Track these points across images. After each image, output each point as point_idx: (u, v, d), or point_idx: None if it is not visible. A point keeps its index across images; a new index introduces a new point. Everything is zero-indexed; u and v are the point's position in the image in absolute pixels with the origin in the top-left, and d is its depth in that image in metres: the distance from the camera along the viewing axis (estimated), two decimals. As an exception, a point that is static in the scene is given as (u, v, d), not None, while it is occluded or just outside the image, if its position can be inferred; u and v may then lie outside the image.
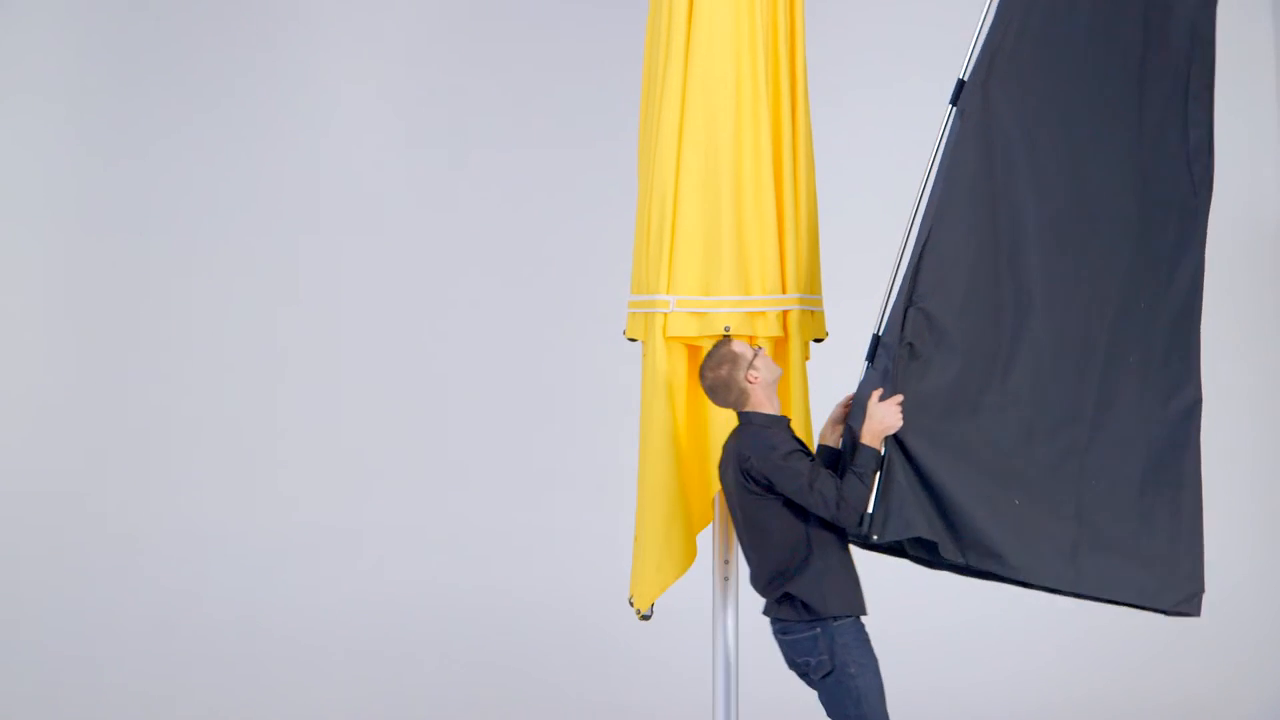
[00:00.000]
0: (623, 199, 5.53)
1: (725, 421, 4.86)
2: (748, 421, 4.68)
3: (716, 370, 4.70)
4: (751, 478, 4.57)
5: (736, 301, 4.94)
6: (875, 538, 4.53)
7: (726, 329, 4.87)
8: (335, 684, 7.51)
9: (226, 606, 7.82)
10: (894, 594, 8.11)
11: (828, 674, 4.56)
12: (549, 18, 8.38)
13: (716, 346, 4.75)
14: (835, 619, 4.55)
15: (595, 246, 7.92)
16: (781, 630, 4.64)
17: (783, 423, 4.70)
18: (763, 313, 4.93)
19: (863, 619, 4.64)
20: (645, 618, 4.91)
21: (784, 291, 4.96)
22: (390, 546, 7.96)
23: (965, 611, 7.95)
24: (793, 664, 4.69)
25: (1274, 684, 7.91)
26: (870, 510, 4.51)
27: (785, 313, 4.96)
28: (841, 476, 4.55)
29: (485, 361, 8.06)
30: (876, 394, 4.54)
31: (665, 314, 4.88)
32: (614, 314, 5.31)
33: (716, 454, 4.88)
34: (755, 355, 4.70)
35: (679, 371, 4.95)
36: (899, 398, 4.52)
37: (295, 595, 7.87)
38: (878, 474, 4.53)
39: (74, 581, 7.85)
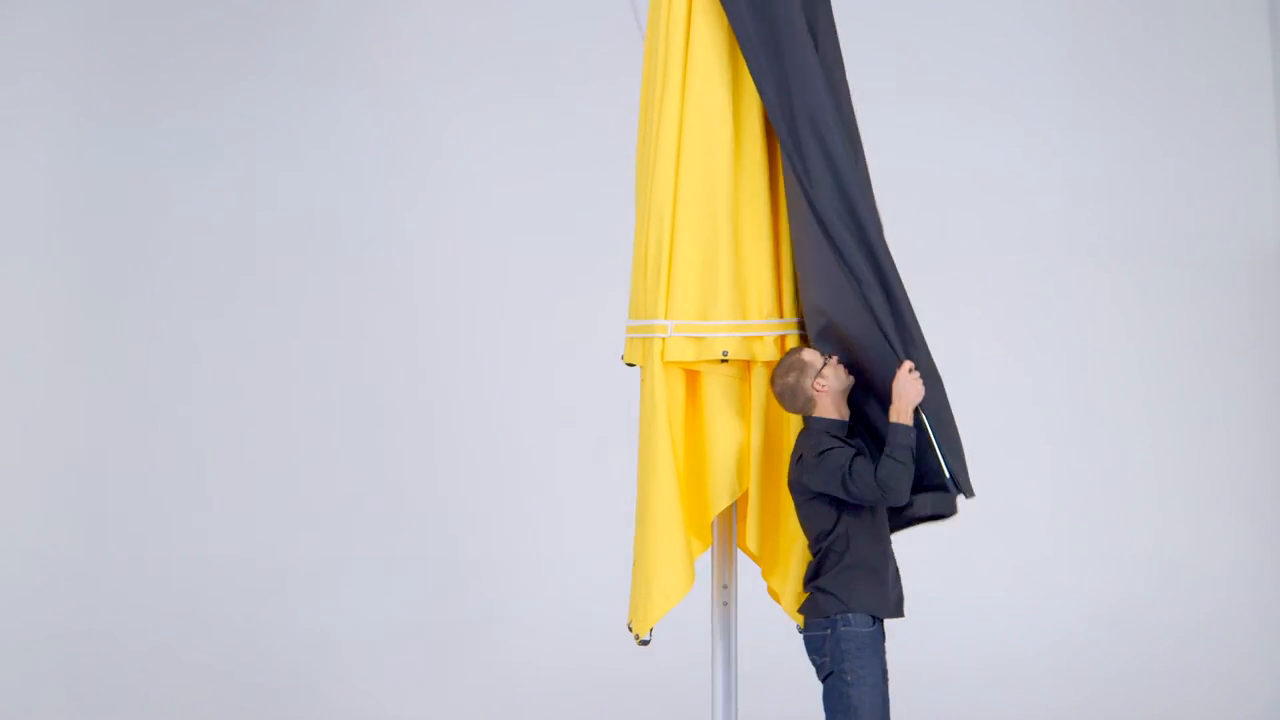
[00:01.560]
0: (620, 225, 5.55)
1: (725, 447, 4.89)
2: (808, 428, 4.78)
3: (784, 377, 4.77)
4: (802, 478, 4.69)
5: (734, 326, 4.95)
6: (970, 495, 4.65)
7: (724, 354, 4.89)
8: (333, 706, 7.52)
9: (227, 629, 7.84)
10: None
11: (828, 676, 4.64)
12: (548, 44, 8.42)
13: (788, 354, 4.84)
14: (847, 623, 4.61)
15: (593, 272, 7.94)
16: (805, 626, 4.73)
17: (836, 426, 4.76)
18: (760, 337, 4.95)
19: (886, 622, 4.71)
20: (644, 643, 4.90)
21: (781, 316, 4.98)
22: (386, 572, 7.96)
23: (964, 612, 7.97)
24: (811, 660, 4.79)
25: (1274, 687, 7.91)
26: (951, 475, 4.61)
27: (782, 337, 4.97)
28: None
29: (483, 387, 8.07)
30: (905, 367, 4.64)
31: (663, 339, 4.89)
32: (612, 339, 5.32)
33: (715, 478, 4.92)
34: (825, 364, 4.76)
35: (677, 396, 4.97)
36: (909, 365, 4.65)
37: (297, 619, 7.89)
38: (912, 447, 4.61)
39: (74, 601, 7.86)
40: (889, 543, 4.81)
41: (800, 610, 4.77)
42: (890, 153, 8.56)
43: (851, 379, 4.80)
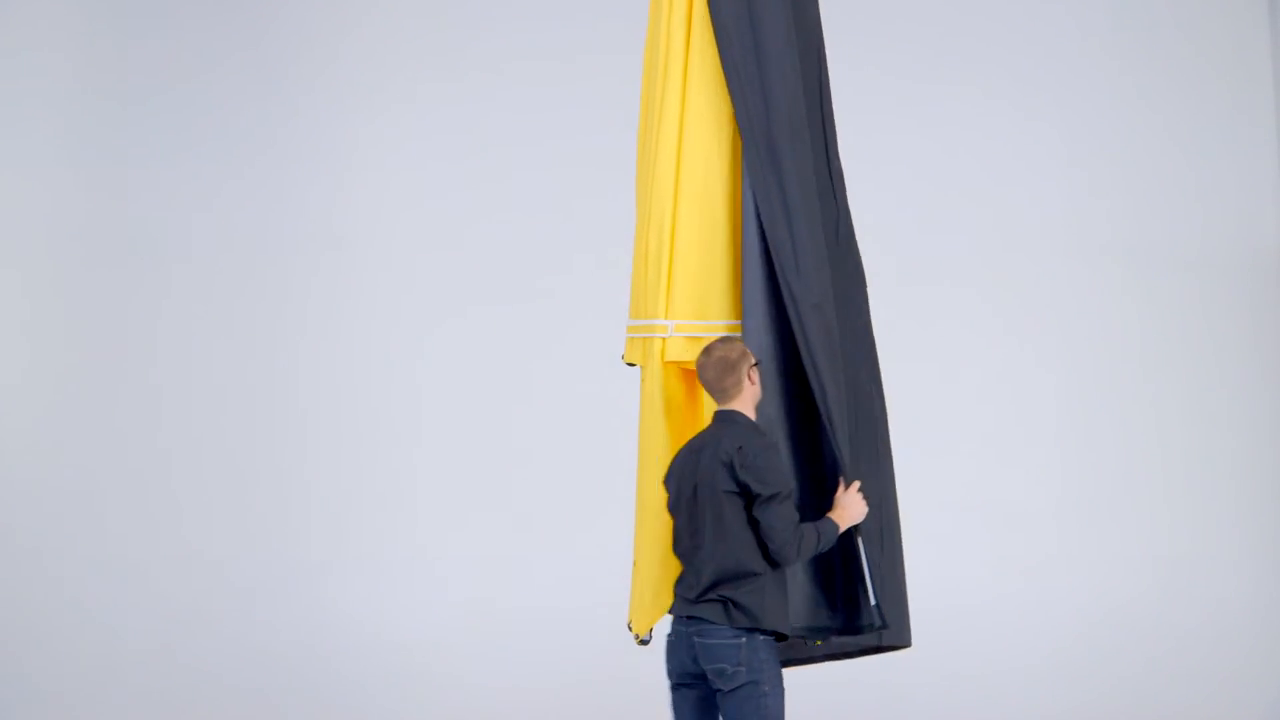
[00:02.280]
0: (621, 225, 5.55)
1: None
2: (732, 420, 4.68)
3: (728, 351, 4.69)
4: (734, 472, 4.57)
5: (734, 326, 4.95)
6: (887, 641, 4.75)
7: None
8: (333, 706, 7.51)
9: (227, 629, 7.84)
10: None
11: (740, 686, 4.52)
12: (548, 46, 8.41)
13: (727, 337, 4.79)
14: (762, 633, 4.55)
15: (593, 272, 7.93)
16: (700, 632, 4.56)
17: (773, 439, 4.74)
18: (759, 337, 4.99)
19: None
20: (644, 642, 4.90)
21: (780, 316, 5.02)
22: (388, 573, 7.96)
23: (966, 613, 7.96)
24: (685, 668, 4.63)
25: (1277, 688, 7.90)
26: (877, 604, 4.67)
27: (782, 337, 5.01)
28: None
29: (483, 388, 8.07)
30: (853, 487, 4.67)
31: (664, 339, 4.89)
32: (612, 339, 5.33)
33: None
34: (758, 364, 4.73)
35: (677, 396, 4.96)
36: (857, 485, 4.66)
37: (297, 619, 7.89)
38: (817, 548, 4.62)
39: (75, 601, 7.86)
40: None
41: (700, 617, 4.61)
42: (891, 154, 8.62)
43: (760, 398, 4.82)
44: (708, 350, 4.71)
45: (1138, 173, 8.70)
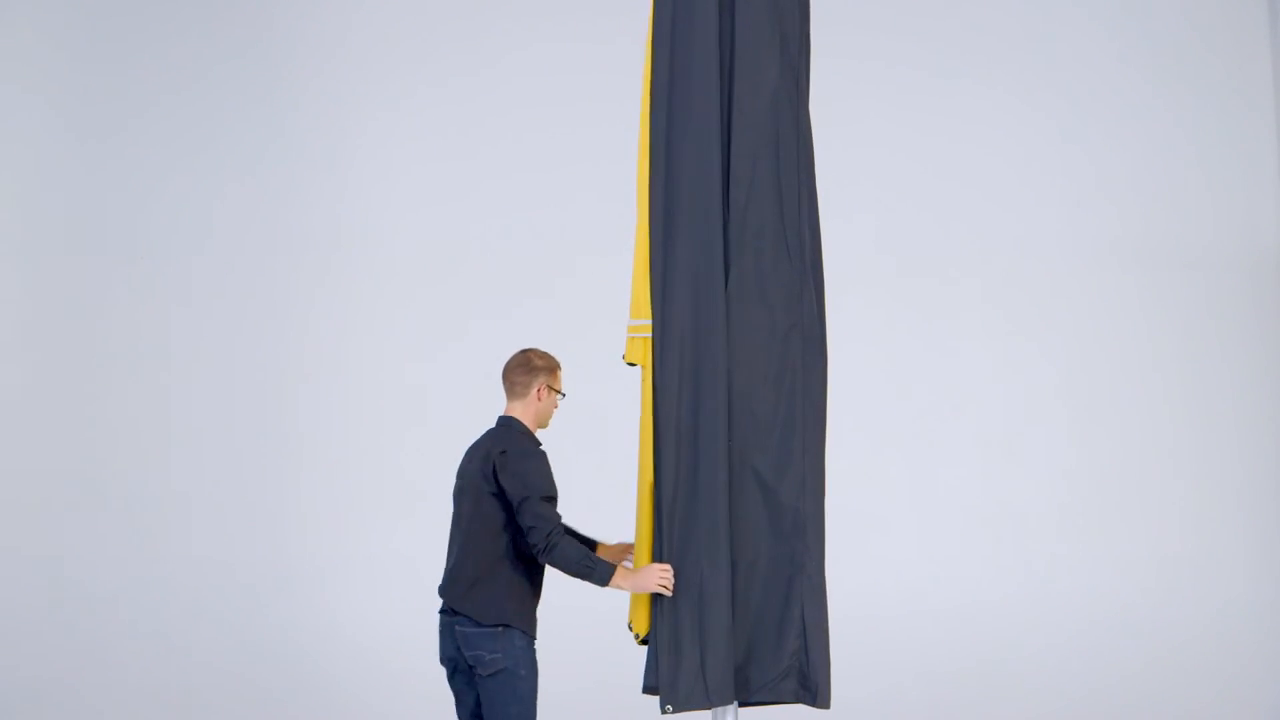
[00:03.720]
0: (622, 227, 5.56)
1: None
2: (507, 425, 4.89)
3: (534, 358, 4.92)
4: (496, 473, 4.74)
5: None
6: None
7: None
8: (333, 706, 7.52)
9: (227, 629, 7.85)
10: (894, 616, 8.14)
11: (497, 672, 4.75)
12: (549, 53, 8.42)
13: (552, 356, 4.97)
14: (515, 627, 4.75)
15: (595, 272, 7.94)
16: (461, 624, 4.78)
17: (541, 448, 4.89)
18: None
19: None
20: (644, 642, 4.92)
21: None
22: (386, 572, 7.97)
23: (969, 612, 7.96)
24: (450, 654, 4.83)
25: (1275, 690, 7.91)
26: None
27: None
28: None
29: (482, 387, 8.07)
30: (661, 567, 4.70)
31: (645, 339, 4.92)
32: (613, 339, 5.33)
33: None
34: (556, 386, 4.93)
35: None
36: (667, 568, 4.70)
37: (297, 619, 7.90)
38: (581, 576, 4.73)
39: (75, 601, 7.88)
40: (540, 567, 4.89)
41: (461, 611, 4.79)
42: (892, 155, 8.61)
43: (547, 425, 4.95)
44: (520, 351, 4.93)
45: (1139, 174, 8.70)
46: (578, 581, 4.76)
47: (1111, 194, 8.70)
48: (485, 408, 8.11)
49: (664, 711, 4.68)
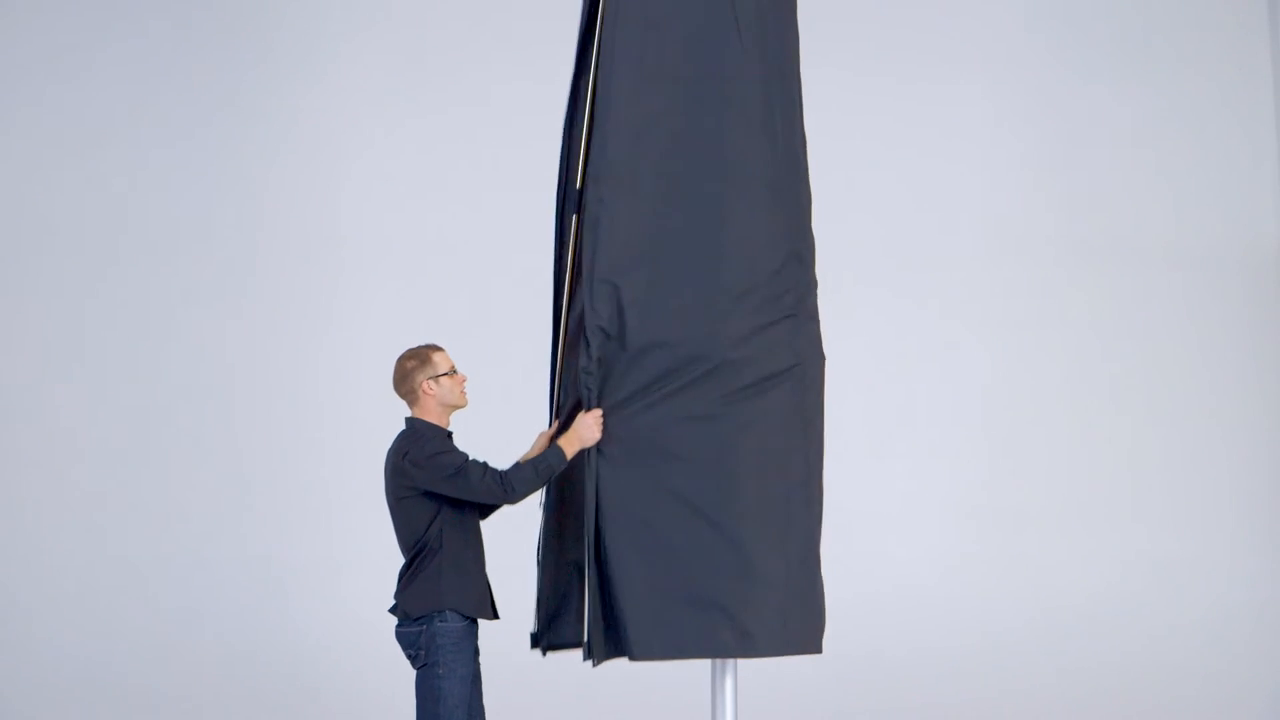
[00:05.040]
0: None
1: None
2: (411, 426, 4.97)
3: (406, 361, 5.00)
4: (405, 474, 4.84)
5: None
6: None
7: None
8: (333, 706, 7.55)
9: (227, 629, 7.87)
10: (893, 615, 8.16)
11: (421, 669, 4.88)
12: (549, 42, 8.45)
13: (422, 346, 5.04)
14: (444, 619, 4.84)
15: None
16: (399, 623, 4.93)
17: (443, 433, 4.94)
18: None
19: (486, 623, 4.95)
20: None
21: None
22: (385, 572, 7.98)
23: (966, 610, 7.99)
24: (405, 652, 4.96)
25: (1272, 685, 7.93)
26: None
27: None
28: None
29: (482, 387, 8.08)
30: (594, 412, 4.77)
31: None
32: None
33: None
34: (447, 373, 4.97)
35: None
36: (599, 412, 4.77)
37: (297, 619, 7.93)
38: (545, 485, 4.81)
39: (74, 601, 7.93)
40: (481, 547, 4.98)
41: (391, 610, 4.94)
42: (882, 152, 8.63)
43: (465, 404, 5.01)
44: (398, 359, 4.99)
45: (1139, 173, 8.74)
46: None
47: (1111, 193, 8.72)
48: (485, 407, 8.19)
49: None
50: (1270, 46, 8.87)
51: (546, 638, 5.05)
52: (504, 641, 5.31)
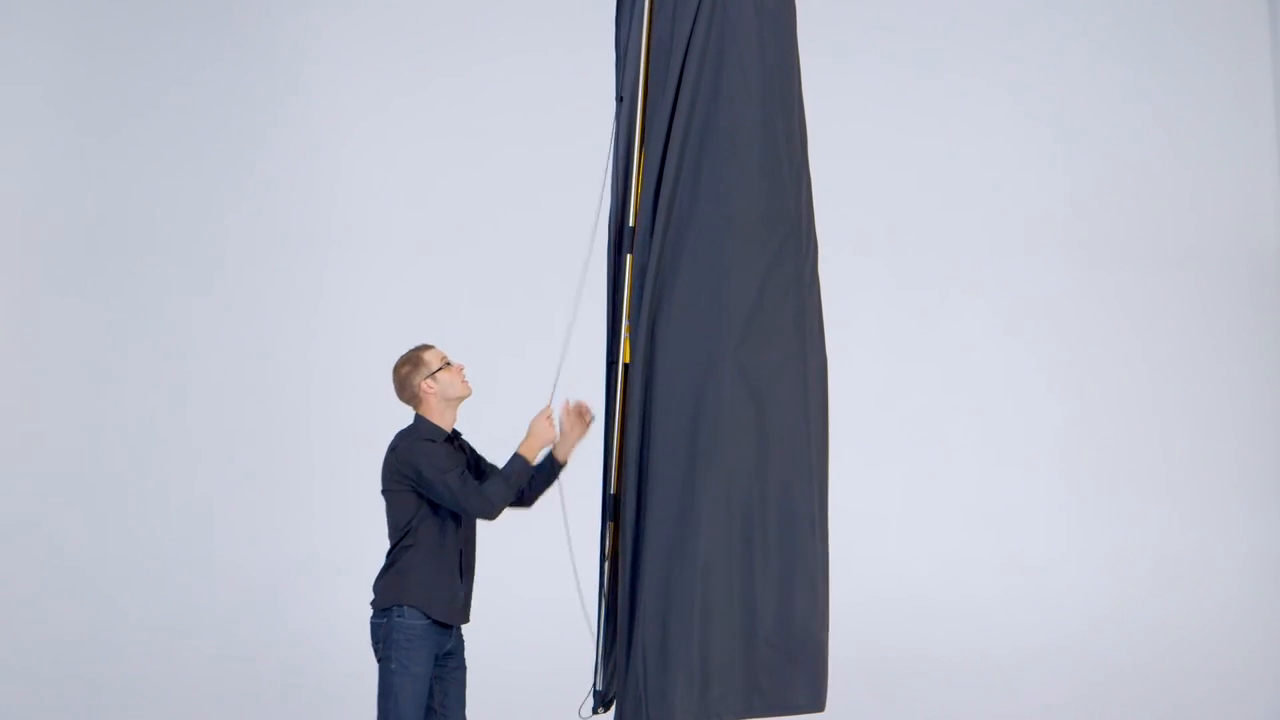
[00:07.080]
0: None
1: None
2: (413, 425, 5.07)
3: (400, 369, 5.10)
4: (395, 469, 4.95)
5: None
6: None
7: None
8: (333, 706, 7.59)
9: (227, 629, 7.90)
10: (893, 615, 8.18)
11: (380, 660, 4.97)
12: (550, 43, 8.48)
13: (412, 349, 5.12)
14: (401, 614, 4.93)
15: (596, 272, 7.99)
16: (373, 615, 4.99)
17: (442, 435, 5.03)
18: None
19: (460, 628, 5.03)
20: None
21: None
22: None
23: (968, 611, 8.00)
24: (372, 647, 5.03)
25: (1274, 690, 7.94)
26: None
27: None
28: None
29: (482, 387, 8.10)
30: (543, 411, 5.01)
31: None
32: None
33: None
34: (442, 368, 5.05)
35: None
36: (550, 410, 5.01)
37: (297, 619, 7.98)
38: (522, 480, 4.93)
39: (75, 601, 7.98)
40: (459, 552, 5.05)
41: (373, 602, 5.00)
42: (890, 155, 8.66)
43: (469, 392, 5.08)
44: (393, 370, 5.09)
45: (1139, 173, 8.76)
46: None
47: (1111, 194, 8.74)
48: (487, 407, 8.22)
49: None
50: (1270, 47, 8.87)
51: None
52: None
